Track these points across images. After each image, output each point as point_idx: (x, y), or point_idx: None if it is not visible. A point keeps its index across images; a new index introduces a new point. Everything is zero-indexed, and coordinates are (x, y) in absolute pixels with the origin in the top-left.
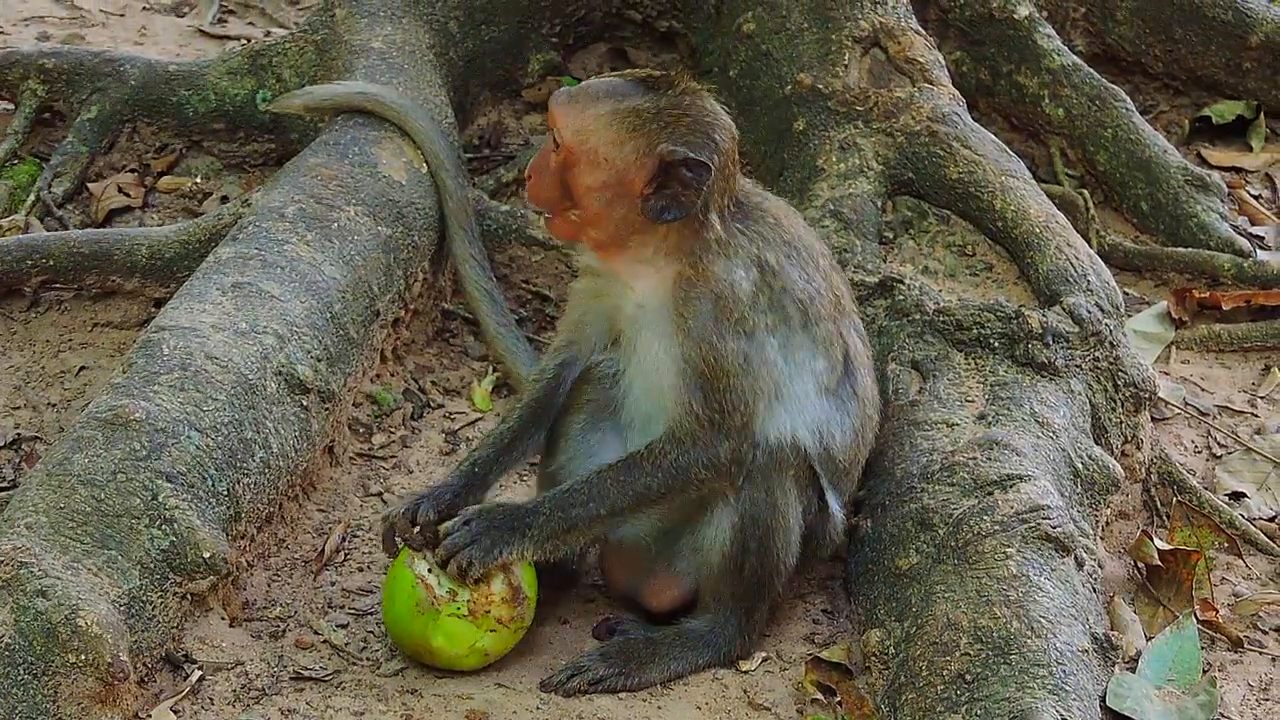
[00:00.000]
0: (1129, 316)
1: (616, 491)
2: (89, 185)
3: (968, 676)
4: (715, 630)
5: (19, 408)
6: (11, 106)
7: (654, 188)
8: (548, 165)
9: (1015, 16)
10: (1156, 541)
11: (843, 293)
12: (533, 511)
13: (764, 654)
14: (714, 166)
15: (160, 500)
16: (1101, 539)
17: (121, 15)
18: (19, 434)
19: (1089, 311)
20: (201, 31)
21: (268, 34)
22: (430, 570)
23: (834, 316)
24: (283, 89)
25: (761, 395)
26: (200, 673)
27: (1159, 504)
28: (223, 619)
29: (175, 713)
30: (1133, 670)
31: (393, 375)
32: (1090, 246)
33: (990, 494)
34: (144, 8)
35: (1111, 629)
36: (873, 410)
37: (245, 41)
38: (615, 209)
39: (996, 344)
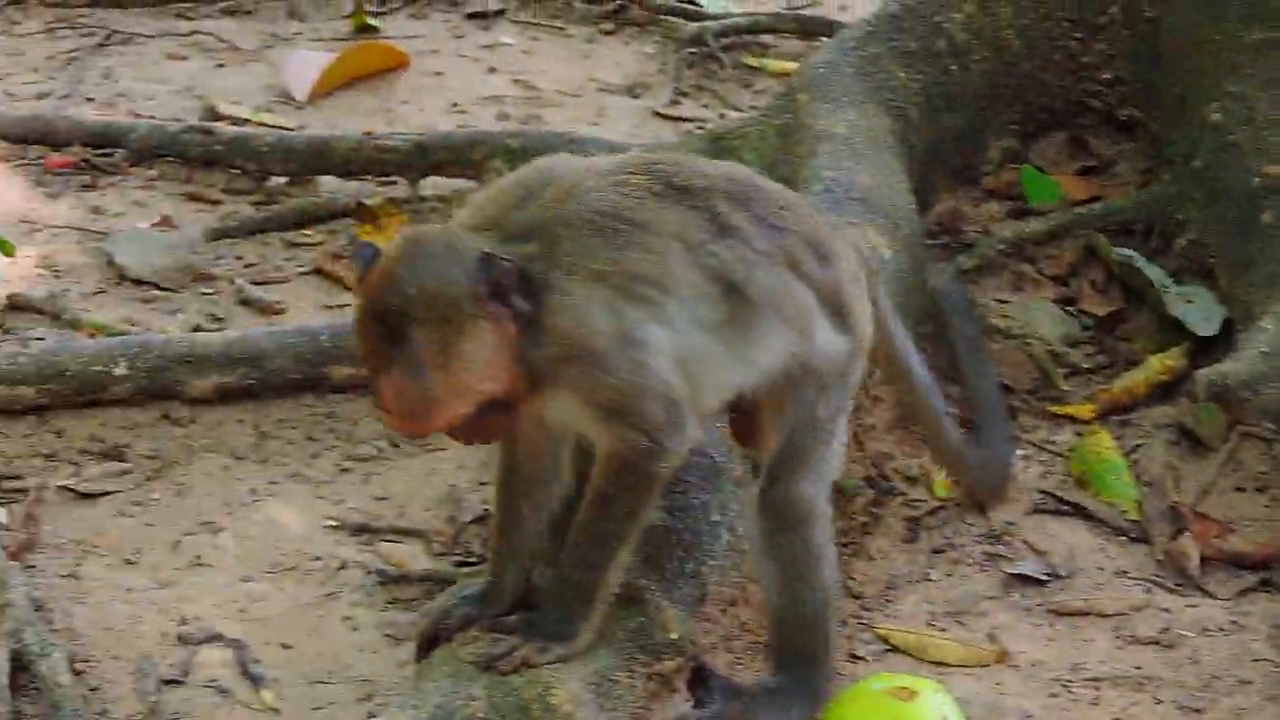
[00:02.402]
0: None
1: (605, 525)
2: None
3: None
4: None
5: (486, 483)
6: (476, 185)
7: None
8: None
9: None
10: None
11: (687, 220)
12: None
13: None
14: None
15: (630, 580)
16: None
17: (577, 96)
18: (486, 509)
19: None
20: (656, 113)
21: (721, 116)
22: None
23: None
24: None
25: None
26: None
27: None
28: (687, 701)
29: None
30: None
31: (853, 461)
32: None
33: None
34: (599, 89)
35: None
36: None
37: (700, 123)
38: None
39: None
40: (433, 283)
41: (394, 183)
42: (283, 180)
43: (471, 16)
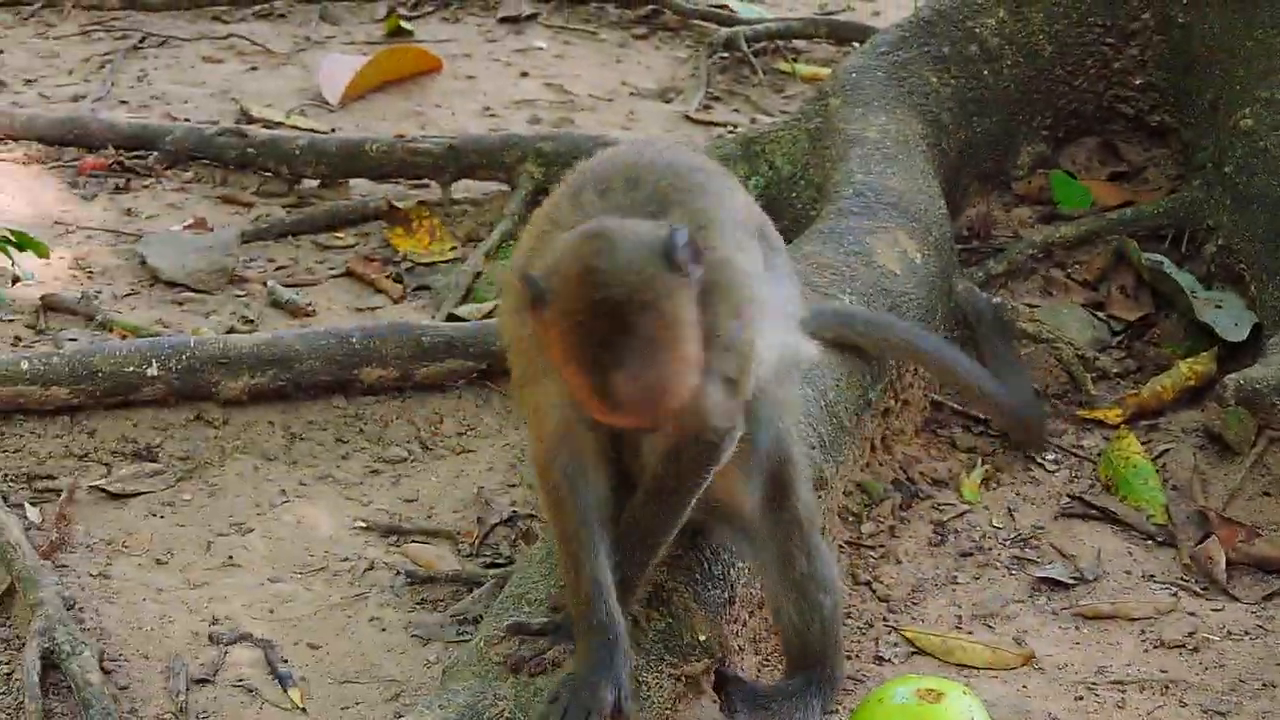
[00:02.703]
0: None
1: (664, 516)
2: None
3: None
4: None
5: (515, 485)
6: (508, 188)
7: None
8: None
9: None
10: None
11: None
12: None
13: None
14: None
15: (658, 581)
16: None
17: (610, 100)
18: (514, 511)
19: None
20: (687, 117)
21: (753, 120)
22: None
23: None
24: (775, 175)
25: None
26: None
27: None
28: (714, 702)
29: None
30: None
31: (881, 464)
32: None
33: None
34: (631, 93)
35: None
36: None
37: (731, 128)
38: None
39: None
40: (639, 269)
41: (426, 185)
42: (315, 183)
43: (504, 21)
